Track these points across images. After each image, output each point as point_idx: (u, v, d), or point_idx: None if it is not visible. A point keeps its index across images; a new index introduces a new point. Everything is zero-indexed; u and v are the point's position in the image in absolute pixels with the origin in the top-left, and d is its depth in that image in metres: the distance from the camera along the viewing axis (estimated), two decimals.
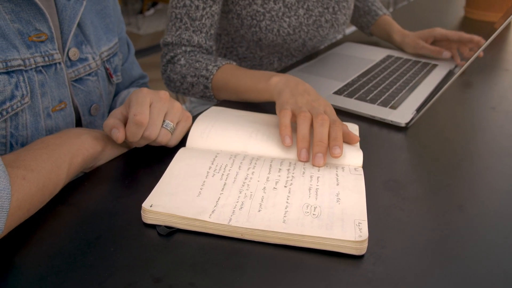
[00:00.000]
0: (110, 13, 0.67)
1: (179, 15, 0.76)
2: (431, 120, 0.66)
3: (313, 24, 0.87)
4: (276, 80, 0.62)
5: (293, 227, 0.40)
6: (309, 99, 0.57)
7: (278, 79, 0.62)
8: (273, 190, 0.46)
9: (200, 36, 0.76)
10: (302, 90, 0.58)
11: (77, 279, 0.36)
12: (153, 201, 0.43)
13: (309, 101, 0.56)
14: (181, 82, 0.76)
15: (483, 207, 0.46)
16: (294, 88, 0.59)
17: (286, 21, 0.84)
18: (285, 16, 0.83)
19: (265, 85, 0.63)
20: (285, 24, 0.84)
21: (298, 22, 0.85)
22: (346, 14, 0.92)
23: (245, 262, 0.38)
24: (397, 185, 0.50)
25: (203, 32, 0.77)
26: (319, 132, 0.50)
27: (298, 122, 0.51)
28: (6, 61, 0.47)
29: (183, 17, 0.75)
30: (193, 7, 0.75)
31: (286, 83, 0.60)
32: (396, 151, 0.57)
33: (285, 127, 0.52)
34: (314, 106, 0.55)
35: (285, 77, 0.62)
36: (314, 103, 0.56)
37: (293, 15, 0.84)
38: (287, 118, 0.52)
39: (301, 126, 0.51)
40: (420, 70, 0.85)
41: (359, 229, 0.40)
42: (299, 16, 0.85)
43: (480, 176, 0.52)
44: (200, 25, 0.76)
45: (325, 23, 0.89)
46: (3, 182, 0.38)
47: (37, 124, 0.52)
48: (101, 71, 0.64)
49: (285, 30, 0.85)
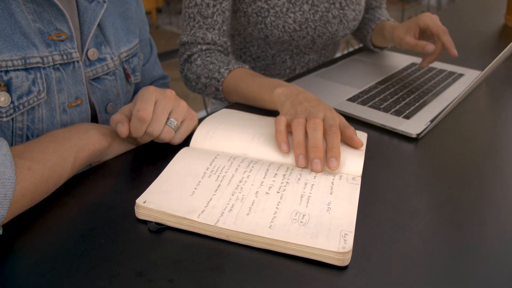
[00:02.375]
0: (132, 15, 0.70)
1: (192, 14, 0.78)
2: (445, 132, 0.64)
3: (320, 20, 0.86)
4: (279, 91, 0.62)
5: (278, 233, 0.41)
6: (308, 105, 0.56)
7: (281, 90, 0.62)
8: (265, 194, 0.46)
9: (213, 33, 0.79)
10: (302, 99, 0.58)
11: (66, 267, 0.38)
12: (147, 197, 0.45)
13: (308, 108, 0.56)
14: (196, 82, 0.78)
15: (484, 227, 0.44)
16: (294, 98, 0.59)
17: (291, 17, 0.84)
18: (290, 12, 0.83)
19: (269, 96, 0.64)
20: (290, 20, 0.84)
21: (303, 18, 0.85)
22: (356, 10, 0.90)
23: (226, 263, 0.39)
24: (397, 198, 0.49)
25: (215, 29, 0.79)
26: (312, 137, 0.50)
27: (292, 129, 0.51)
28: (25, 58, 0.50)
29: (196, 16, 0.78)
30: (204, 5, 0.77)
31: (288, 94, 0.61)
32: (404, 163, 0.56)
33: (280, 133, 0.52)
34: (312, 111, 0.55)
35: (288, 88, 0.62)
36: (312, 109, 0.56)
37: (298, 10, 0.84)
38: (282, 125, 0.53)
39: (295, 132, 0.51)
40: (444, 79, 0.82)
41: (344, 240, 0.40)
42: (304, 11, 0.84)
43: (484, 196, 0.50)
44: (212, 22, 0.78)
45: (333, 19, 0.88)
46: (9, 172, 0.41)
47: (52, 118, 0.56)
48: (119, 71, 0.67)
49: (291, 26, 0.85)
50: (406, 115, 0.66)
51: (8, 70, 0.49)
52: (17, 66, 0.49)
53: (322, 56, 0.99)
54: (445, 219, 0.45)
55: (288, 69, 0.97)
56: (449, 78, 0.82)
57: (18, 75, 0.50)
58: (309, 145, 0.50)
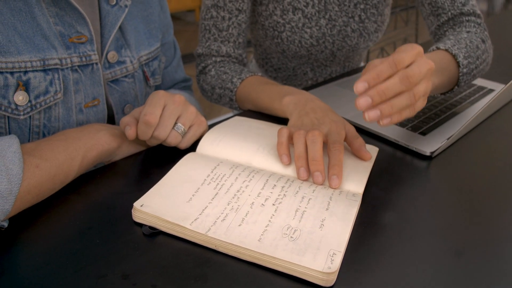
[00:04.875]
0: (155, 19, 0.72)
1: (208, 26, 0.79)
2: (463, 152, 0.61)
3: (338, 34, 0.84)
4: (287, 100, 0.62)
5: (266, 247, 0.40)
6: (314, 117, 0.55)
7: (289, 99, 0.62)
8: (260, 206, 0.46)
9: (228, 46, 0.79)
10: (309, 109, 0.57)
11: (59, 263, 0.40)
12: (145, 201, 0.46)
13: (313, 120, 0.55)
14: (212, 93, 0.79)
15: (484, 256, 0.42)
16: (302, 108, 0.58)
17: (307, 32, 0.82)
18: (306, 27, 0.82)
19: (279, 104, 0.63)
20: (306, 35, 0.82)
21: (320, 33, 0.83)
22: (377, 21, 0.87)
23: (211, 273, 0.39)
24: (398, 220, 0.47)
25: (230, 41, 0.79)
26: (311, 150, 0.49)
27: (294, 141, 0.51)
28: (44, 59, 0.53)
29: (211, 28, 0.78)
30: (219, 18, 0.77)
31: (296, 103, 0.60)
32: (414, 182, 0.54)
33: (281, 145, 0.52)
34: (316, 123, 0.54)
35: (297, 96, 0.62)
36: (318, 121, 0.55)
37: (314, 25, 0.82)
38: (283, 137, 0.52)
39: (296, 145, 0.50)
40: (471, 94, 0.78)
41: (331, 260, 0.39)
42: (321, 26, 0.83)
43: (499, 226, 0.47)
44: (227, 35, 0.78)
45: (352, 33, 0.85)
46: (16, 169, 0.43)
47: (69, 117, 0.58)
48: (138, 74, 0.69)
49: (308, 41, 0.83)
50: (423, 131, 0.64)
51: (27, 70, 0.52)
52: (35, 67, 0.52)
53: (346, 68, 0.97)
54: (448, 247, 0.43)
55: (310, 80, 0.95)
56: (477, 93, 0.78)
57: (36, 75, 0.53)
58: (309, 158, 0.49)
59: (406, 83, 0.45)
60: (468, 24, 0.75)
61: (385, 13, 0.88)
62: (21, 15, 0.51)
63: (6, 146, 0.44)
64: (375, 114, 0.45)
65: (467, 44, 0.67)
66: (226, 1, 0.76)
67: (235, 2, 0.77)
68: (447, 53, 0.64)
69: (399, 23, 3.82)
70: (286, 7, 0.81)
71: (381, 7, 0.86)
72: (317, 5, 0.81)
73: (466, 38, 0.69)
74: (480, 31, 0.74)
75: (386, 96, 0.45)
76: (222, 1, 0.76)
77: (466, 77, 0.66)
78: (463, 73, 0.65)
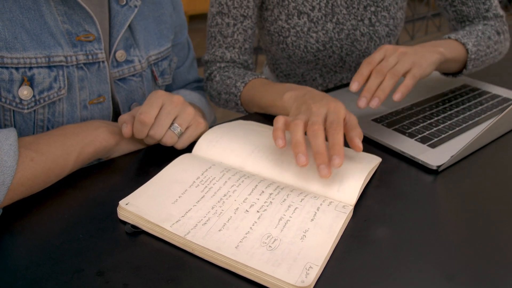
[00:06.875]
0: (167, 20, 0.73)
1: (213, 33, 0.79)
2: (473, 168, 0.57)
3: (346, 38, 0.81)
4: (288, 96, 0.61)
5: (241, 255, 0.40)
6: (311, 103, 0.54)
7: (290, 94, 0.61)
8: (244, 212, 0.45)
9: (232, 52, 0.78)
10: (308, 98, 0.56)
11: (40, 255, 0.41)
12: (130, 200, 0.46)
13: (310, 106, 0.54)
14: (219, 99, 0.79)
15: (476, 280, 0.39)
16: (300, 100, 0.58)
17: (313, 37, 0.80)
18: (311, 32, 0.80)
19: (280, 101, 0.63)
20: (312, 40, 0.80)
21: (327, 37, 0.80)
22: (389, 25, 0.83)
23: (185, 277, 0.39)
24: (390, 236, 0.44)
25: (235, 47, 0.78)
26: (314, 145, 0.48)
27: (290, 130, 0.50)
28: (49, 56, 0.55)
29: (216, 35, 0.78)
30: (224, 24, 0.77)
31: (296, 97, 0.59)
32: (415, 197, 0.51)
33: (276, 130, 0.51)
34: (314, 110, 0.52)
35: (297, 90, 0.61)
36: (315, 105, 0.53)
37: (321, 29, 0.80)
38: (279, 123, 0.52)
39: (293, 133, 0.50)
40: (493, 106, 0.73)
41: (306, 274, 0.37)
42: (328, 30, 0.80)
43: (490, 249, 0.43)
44: (232, 41, 0.78)
45: (361, 37, 0.82)
46: (11, 161, 0.45)
47: (73, 113, 0.60)
48: (147, 73, 0.70)
49: (314, 46, 0.81)
50: (433, 143, 0.60)
51: (32, 66, 0.54)
52: (40, 63, 0.54)
53: None
54: (439, 269, 0.40)
55: (320, 86, 0.93)
56: (501, 105, 0.73)
57: (41, 71, 0.54)
58: (313, 152, 0.48)
59: (380, 76, 0.59)
60: (487, 21, 0.80)
61: (397, 16, 0.84)
62: (29, 13, 0.53)
63: (4, 138, 0.46)
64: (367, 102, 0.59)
65: (478, 34, 0.74)
66: (230, 7, 0.76)
67: (239, 8, 0.76)
68: (457, 42, 0.71)
69: (431, 28, 3.66)
70: (291, 11, 0.80)
71: (393, 10, 0.83)
72: (324, 9, 0.79)
73: (479, 30, 0.75)
74: (499, 25, 0.79)
75: (372, 90, 0.59)
76: (227, 7, 0.76)
77: (475, 62, 0.73)
78: (471, 58, 0.72)
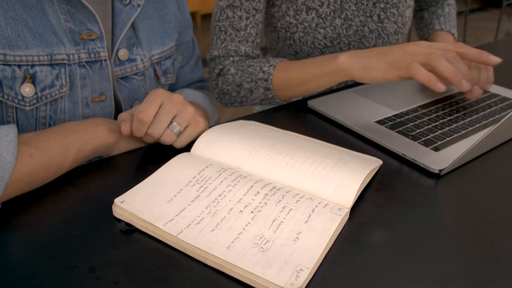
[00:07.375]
0: (171, 19, 0.73)
1: (223, 27, 0.77)
2: (477, 173, 0.55)
3: (355, 35, 0.80)
4: (344, 57, 0.63)
5: (232, 256, 0.39)
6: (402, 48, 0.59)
7: (346, 56, 0.63)
8: (238, 213, 0.45)
9: (246, 45, 0.77)
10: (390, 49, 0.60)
11: (34, 251, 0.41)
12: (126, 197, 0.47)
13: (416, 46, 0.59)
14: (237, 91, 0.76)
15: None
16: (375, 54, 0.61)
17: (321, 33, 0.79)
18: (319, 27, 0.79)
19: (334, 65, 0.64)
20: (319, 36, 0.79)
21: (335, 34, 0.80)
22: (398, 22, 0.82)
23: (174, 276, 0.39)
24: (386, 240, 0.44)
25: (249, 41, 0.77)
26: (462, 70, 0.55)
27: (435, 64, 0.55)
28: (51, 54, 0.55)
29: (227, 29, 0.77)
30: (236, 18, 0.76)
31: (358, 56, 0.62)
32: (414, 201, 0.50)
33: (429, 75, 0.54)
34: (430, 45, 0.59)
35: (350, 52, 0.63)
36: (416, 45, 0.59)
37: (329, 25, 0.79)
38: (422, 69, 0.55)
39: (442, 65, 0.54)
40: (503, 109, 0.71)
41: (296, 277, 0.37)
42: (336, 26, 0.79)
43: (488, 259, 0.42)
44: (246, 34, 0.77)
45: (370, 34, 0.81)
46: (9, 157, 0.46)
47: (75, 111, 0.60)
48: (149, 72, 0.70)
49: (321, 42, 0.80)
50: (437, 147, 0.59)
51: (34, 64, 0.54)
52: (42, 61, 0.55)
53: None
54: (434, 277, 0.39)
55: None
56: (510, 109, 0.71)
57: (43, 69, 0.55)
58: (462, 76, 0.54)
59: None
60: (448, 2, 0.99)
61: (406, 14, 0.84)
62: (33, 11, 0.54)
63: (4, 134, 0.47)
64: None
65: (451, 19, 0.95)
66: (242, 0, 0.75)
67: (251, 1, 0.75)
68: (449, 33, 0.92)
69: None
70: (300, 7, 0.79)
71: (402, 7, 0.82)
72: (333, 4, 0.79)
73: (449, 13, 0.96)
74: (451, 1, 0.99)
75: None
76: (239, 0, 0.75)
77: None
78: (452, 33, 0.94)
